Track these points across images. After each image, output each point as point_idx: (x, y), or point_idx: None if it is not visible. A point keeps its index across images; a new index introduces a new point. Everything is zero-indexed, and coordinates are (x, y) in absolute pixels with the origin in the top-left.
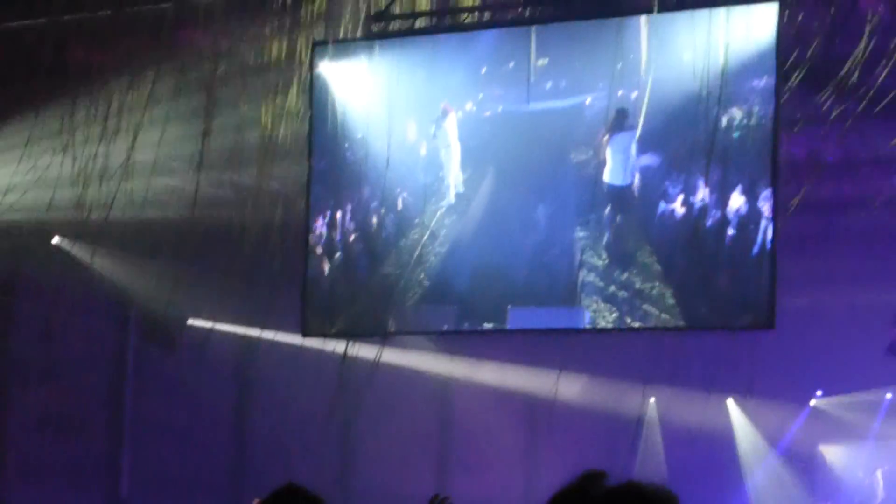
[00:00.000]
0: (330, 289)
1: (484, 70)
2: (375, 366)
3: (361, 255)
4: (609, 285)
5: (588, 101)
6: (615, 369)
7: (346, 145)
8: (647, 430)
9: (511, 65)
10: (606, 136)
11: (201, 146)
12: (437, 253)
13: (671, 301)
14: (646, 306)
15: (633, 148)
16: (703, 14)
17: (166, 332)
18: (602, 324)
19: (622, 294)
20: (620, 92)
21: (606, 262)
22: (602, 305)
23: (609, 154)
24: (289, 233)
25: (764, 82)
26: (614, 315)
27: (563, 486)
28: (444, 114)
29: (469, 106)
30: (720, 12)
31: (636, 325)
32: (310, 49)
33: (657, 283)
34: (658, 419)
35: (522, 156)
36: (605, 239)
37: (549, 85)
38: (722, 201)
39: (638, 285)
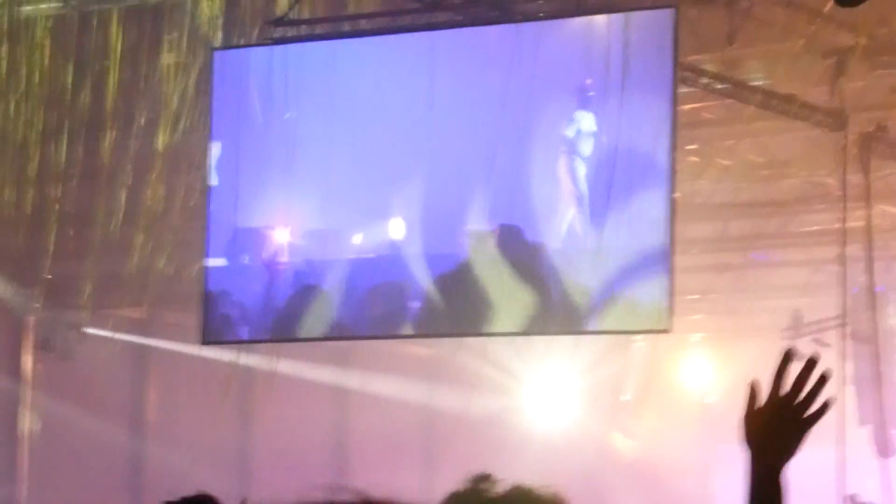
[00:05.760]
0: (230, 297)
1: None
2: (272, 374)
3: (262, 264)
4: None
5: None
6: None
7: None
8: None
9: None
10: None
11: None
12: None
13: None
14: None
15: None
16: (600, 20)
17: (63, 341)
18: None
19: None
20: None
21: None
22: None
23: None
24: (189, 242)
25: (661, 84)
26: None
27: (456, 490)
28: None
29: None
30: (618, 17)
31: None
32: (209, 55)
33: None
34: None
35: None
36: None
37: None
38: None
39: None
